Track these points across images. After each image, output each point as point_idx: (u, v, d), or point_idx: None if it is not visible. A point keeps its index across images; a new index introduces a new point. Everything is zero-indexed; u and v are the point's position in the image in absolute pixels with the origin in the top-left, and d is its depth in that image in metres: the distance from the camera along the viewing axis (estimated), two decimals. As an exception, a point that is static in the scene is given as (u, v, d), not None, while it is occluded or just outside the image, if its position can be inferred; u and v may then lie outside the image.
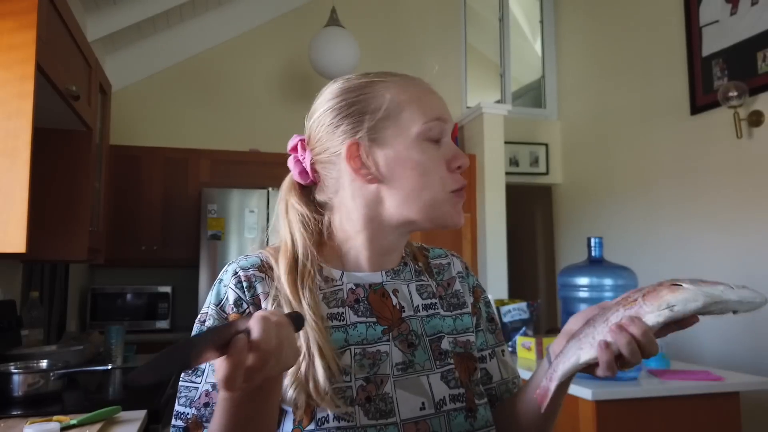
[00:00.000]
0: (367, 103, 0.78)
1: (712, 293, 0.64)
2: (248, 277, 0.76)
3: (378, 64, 4.55)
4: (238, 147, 4.09)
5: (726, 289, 0.65)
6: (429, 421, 0.73)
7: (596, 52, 4.46)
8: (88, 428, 1.38)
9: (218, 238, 3.55)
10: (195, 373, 0.75)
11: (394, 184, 0.77)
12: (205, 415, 0.72)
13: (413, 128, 0.77)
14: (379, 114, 0.77)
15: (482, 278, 4.14)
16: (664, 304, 0.65)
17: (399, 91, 0.78)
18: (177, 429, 0.73)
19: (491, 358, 0.88)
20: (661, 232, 3.70)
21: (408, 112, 0.77)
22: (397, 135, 0.77)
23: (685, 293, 0.65)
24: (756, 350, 3.03)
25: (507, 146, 4.41)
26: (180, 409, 0.74)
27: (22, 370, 1.68)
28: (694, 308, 0.65)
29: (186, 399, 0.74)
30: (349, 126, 0.77)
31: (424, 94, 0.80)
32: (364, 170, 0.77)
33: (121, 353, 2.37)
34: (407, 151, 0.76)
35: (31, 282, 2.54)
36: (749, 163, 3.12)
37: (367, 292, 0.80)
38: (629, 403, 1.97)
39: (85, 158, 2.14)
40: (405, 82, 0.80)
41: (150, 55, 4.14)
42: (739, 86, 3.05)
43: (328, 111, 0.79)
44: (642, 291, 0.68)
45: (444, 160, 0.78)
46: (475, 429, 0.76)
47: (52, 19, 1.66)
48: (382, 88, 0.78)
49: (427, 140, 0.77)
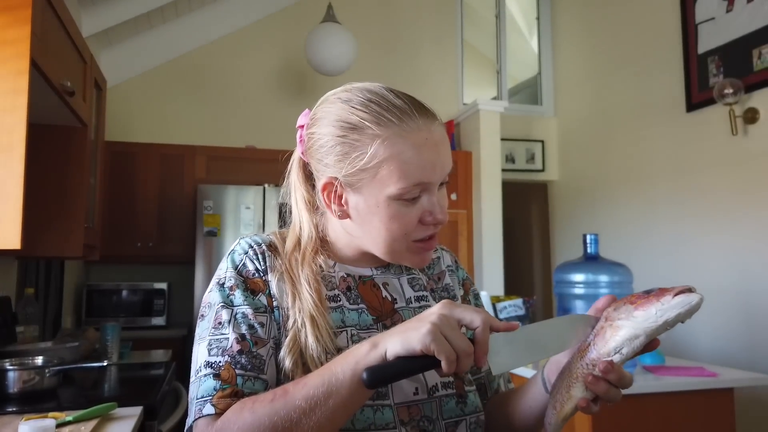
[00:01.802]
0: (353, 147, 0.75)
1: (647, 326, 0.65)
2: (262, 251, 0.81)
3: (374, 61, 4.56)
4: (234, 143, 4.08)
5: (660, 311, 0.64)
6: (421, 405, 0.77)
7: (592, 49, 4.46)
8: (83, 425, 1.37)
9: (214, 235, 3.54)
10: (222, 326, 0.75)
11: (359, 226, 0.79)
12: (240, 362, 0.72)
13: (388, 188, 0.74)
14: (359, 164, 0.75)
15: (478, 274, 4.15)
16: (612, 350, 0.67)
17: (387, 144, 0.73)
18: (208, 376, 0.71)
19: None
20: (657, 228, 3.71)
21: (387, 170, 0.73)
22: (371, 188, 0.75)
23: (625, 332, 0.66)
24: (750, 346, 3.05)
25: (503, 143, 4.41)
26: (211, 359, 0.72)
27: (18, 367, 1.68)
28: (641, 343, 0.66)
29: (218, 349, 0.73)
30: (333, 159, 0.77)
31: (414, 153, 0.73)
32: (335, 206, 0.79)
33: (116, 350, 2.37)
34: (377, 206, 0.76)
35: (26, 279, 2.53)
36: (744, 160, 3.13)
37: (356, 282, 0.83)
38: (624, 398, 1.96)
39: (80, 154, 2.13)
40: (399, 133, 0.74)
41: (145, 50, 4.12)
42: (734, 83, 3.06)
43: (324, 136, 0.78)
44: (593, 333, 0.70)
45: (417, 215, 0.76)
46: (465, 414, 0.79)
47: (46, 14, 1.65)
48: (371, 136, 0.74)
49: (402, 200, 0.75)
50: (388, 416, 0.74)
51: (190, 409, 0.72)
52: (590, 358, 0.68)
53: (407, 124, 0.74)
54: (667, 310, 0.64)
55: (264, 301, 0.78)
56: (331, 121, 0.78)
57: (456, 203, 4.22)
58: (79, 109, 2.00)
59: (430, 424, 0.76)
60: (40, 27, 1.57)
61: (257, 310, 0.76)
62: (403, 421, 0.74)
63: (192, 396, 0.72)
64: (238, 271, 0.79)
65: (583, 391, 0.69)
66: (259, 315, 0.76)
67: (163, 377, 2.04)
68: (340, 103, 0.78)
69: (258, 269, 0.80)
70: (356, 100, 0.77)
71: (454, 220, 4.21)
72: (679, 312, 0.63)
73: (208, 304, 0.78)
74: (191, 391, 0.73)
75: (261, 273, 0.80)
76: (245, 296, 0.77)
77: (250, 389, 0.70)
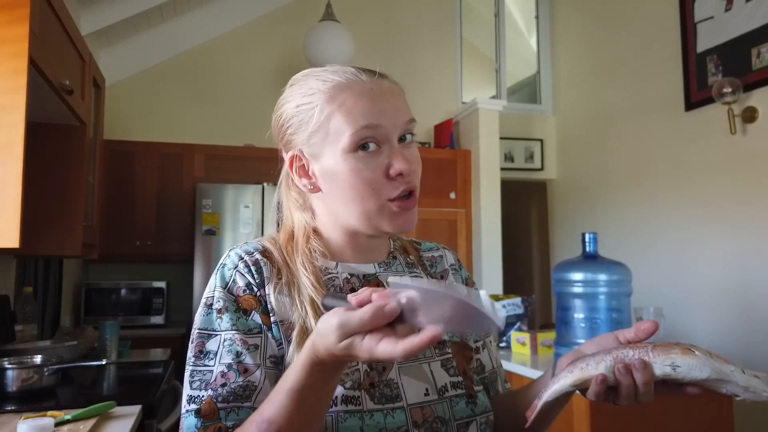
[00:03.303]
0: (306, 114, 0.76)
1: (721, 370, 0.62)
2: (255, 261, 0.77)
3: (373, 59, 4.54)
4: (232, 142, 4.07)
5: (736, 372, 0.62)
6: (433, 406, 0.76)
7: (591, 48, 4.46)
8: (82, 423, 1.37)
9: (213, 234, 3.54)
10: (207, 357, 0.72)
11: (330, 196, 0.78)
12: (221, 395, 0.69)
13: (340, 142, 0.73)
14: (310, 126, 0.75)
15: (477, 273, 4.15)
16: (669, 360, 0.64)
17: (331, 96, 0.74)
18: (190, 413, 0.69)
19: (483, 349, 0.90)
20: (656, 227, 3.71)
21: (335, 123, 0.73)
22: (327, 148, 0.75)
23: (694, 359, 0.63)
24: (749, 347, 3.05)
25: (502, 142, 4.41)
26: (194, 393, 0.71)
27: (16, 366, 1.68)
28: (698, 377, 0.63)
29: (200, 382, 0.71)
30: (292, 133, 0.78)
31: (359, 100, 0.73)
32: (305, 180, 0.79)
33: (115, 348, 2.37)
34: (337, 165, 0.74)
35: (24, 277, 2.53)
36: (743, 159, 3.13)
37: (361, 281, 0.81)
38: (623, 397, 1.98)
39: (78, 153, 2.13)
40: (340, 86, 0.74)
41: (144, 49, 4.12)
42: (733, 82, 3.06)
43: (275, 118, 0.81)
44: (654, 343, 0.67)
45: (381, 168, 0.74)
46: (476, 414, 0.79)
47: (45, 12, 1.64)
48: (317, 96, 0.75)
49: (360, 150, 0.73)
50: (400, 419, 0.72)
51: None
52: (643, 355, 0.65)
53: (351, 79, 0.75)
54: (743, 377, 0.62)
55: (258, 320, 0.74)
56: (287, 101, 0.80)
57: (455, 202, 4.23)
58: (78, 107, 2.00)
59: (443, 425, 0.75)
60: (39, 25, 1.56)
61: (249, 332, 0.73)
62: (416, 423, 0.73)
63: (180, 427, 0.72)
64: (227, 290, 0.75)
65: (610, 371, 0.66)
66: (251, 337, 0.73)
67: (162, 376, 2.04)
68: (288, 87, 0.82)
69: (250, 284, 0.75)
70: (309, 75, 0.79)
71: (453, 219, 4.21)
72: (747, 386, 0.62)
73: (197, 329, 0.75)
74: (180, 423, 0.72)
75: (255, 287, 0.75)
76: (235, 318, 0.73)
77: (234, 420, 0.68)
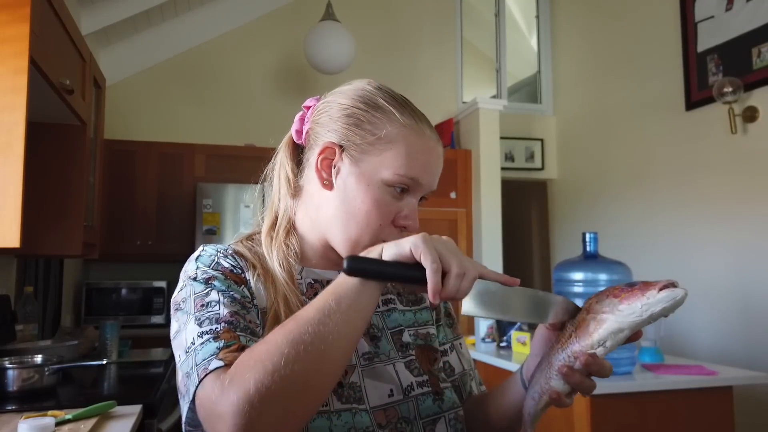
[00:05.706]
0: (369, 120, 0.77)
1: (633, 320, 0.65)
2: (231, 254, 0.78)
3: (374, 59, 4.55)
4: (233, 142, 4.07)
5: (645, 306, 0.64)
6: (398, 407, 0.76)
7: (592, 47, 4.46)
8: (83, 423, 1.37)
9: (213, 233, 3.54)
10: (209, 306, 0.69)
11: (338, 198, 0.78)
12: (239, 326, 0.67)
13: (386, 171, 0.75)
14: (369, 137, 0.77)
15: (477, 273, 4.15)
16: (596, 343, 0.67)
17: (405, 132, 0.77)
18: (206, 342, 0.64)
19: (452, 351, 0.91)
20: (656, 226, 3.71)
21: (393, 153, 0.76)
22: (371, 164, 0.76)
23: (610, 325, 0.66)
24: (749, 345, 3.05)
25: (502, 141, 4.41)
26: (205, 329, 0.66)
27: (17, 365, 1.68)
28: (624, 336, 0.66)
29: (210, 320, 0.67)
30: (342, 126, 0.78)
31: (420, 151, 0.77)
32: (324, 172, 0.79)
33: (116, 348, 2.36)
34: (368, 185, 0.76)
35: (25, 277, 2.53)
36: (743, 159, 3.13)
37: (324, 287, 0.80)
38: (623, 397, 1.98)
39: (79, 153, 2.13)
40: (414, 130, 0.78)
41: (144, 49, 4.12)
42: (733, 82, 3.06)
43: (341, 105, 0.80)
44: (573, 324, 0.70)
45: (395, 213, 0.77)
46: (443, 411, 0.79)
47: (45, 12, 1.64)
48: (391, 121, 0.77)
49: (391, 188, 0.76)
50: (365, 420, 0.73)
51: (191, 378, 0.63)
52: (572, 350, 0.68)
53: (422, 129, 0.79)
54: (653, 304, 0.64)
55: (246, 293, 0.74)
56: (354, 96, 0.80)
57: (455, 202, 4.22)
58: (78, 107, 2.00)
59: (407, 425, 0.75)
60: (39, 25, 1.56)
61: (244, 298, 0.72)
62: (380, 425, 0.74)
63: (189, 368, 0.64)
64: (213, 267, 0.74)
65: (562, 383, 0.69)
66: (246, 302, 0.72)
67: (163, 375, 2.04)
68: (368, 86, 0.82)
69: (234, 266, 0.76)
70: (383, 90, 0.81)
71: (454, 219, 4.21)
72: (664, 306, 0.64)
73: (182, 300, 0.72)
74: (186, 365, 0.65)
75: (238, 270, 0.76)
76: (228, 284, 0.72)
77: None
